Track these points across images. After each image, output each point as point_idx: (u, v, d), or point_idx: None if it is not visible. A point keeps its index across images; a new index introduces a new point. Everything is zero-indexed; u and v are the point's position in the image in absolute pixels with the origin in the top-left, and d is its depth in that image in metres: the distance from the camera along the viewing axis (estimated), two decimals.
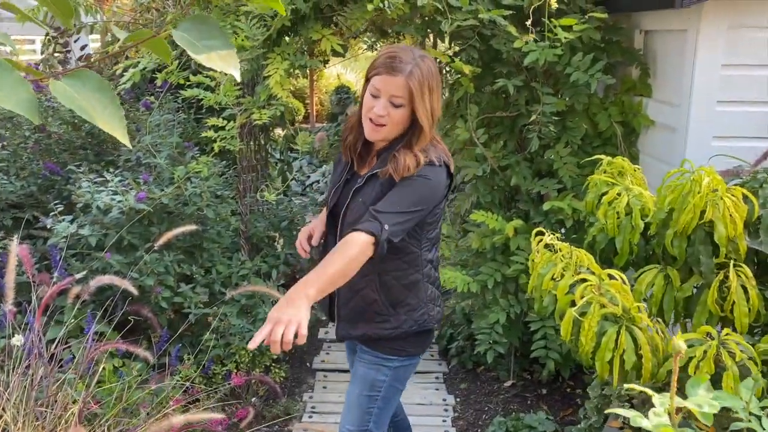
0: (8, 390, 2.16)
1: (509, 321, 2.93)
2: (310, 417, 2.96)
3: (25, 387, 2.17)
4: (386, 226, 1.57)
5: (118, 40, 4.16)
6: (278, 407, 2.93)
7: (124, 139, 0.68)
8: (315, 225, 1.96)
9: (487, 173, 2.89)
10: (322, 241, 1.92)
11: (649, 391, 0.74)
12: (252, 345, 1.33)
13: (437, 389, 3.25)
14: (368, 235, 1.56)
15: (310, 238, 1.95)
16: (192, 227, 2.40)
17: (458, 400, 3.15)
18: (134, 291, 2.08)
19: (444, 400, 3.14)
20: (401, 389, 1.94)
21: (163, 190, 2.65)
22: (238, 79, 0.68)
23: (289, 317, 1.37)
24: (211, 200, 2.79)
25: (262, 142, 3.45)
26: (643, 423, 0.70)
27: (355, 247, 1.55)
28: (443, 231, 3.18)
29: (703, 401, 0.67)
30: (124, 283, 2.05)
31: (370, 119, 1.69)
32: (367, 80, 1.72)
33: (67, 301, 2.40)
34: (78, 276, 2.16)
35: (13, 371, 2.21)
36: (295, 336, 1.37)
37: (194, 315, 2.73)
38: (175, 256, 2.74)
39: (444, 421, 2.94)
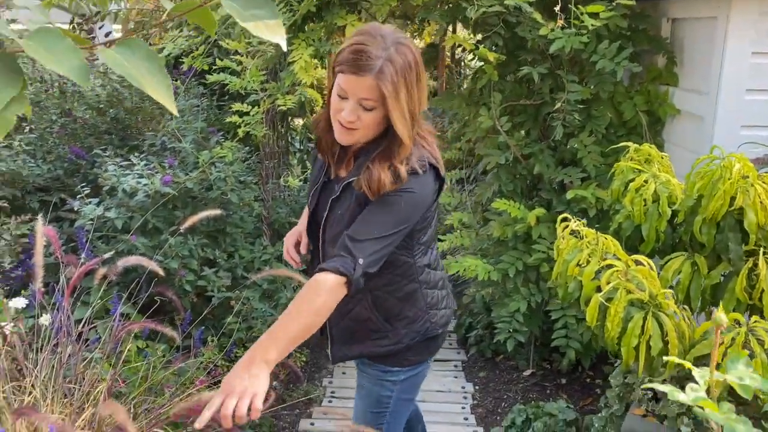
0: (37, 368, 2.20)
1: (530, 310, 2.93)
2: (330, 401, 2.99)
3: (53, 365, 2.21)
4: (360, 260, 1.38)
5: (141, 28, 4.19)
6: (299, 391, 2.96)
7: (170, 105, 0.70)
8: (301, 229, 1.81)
9: (510, 162, 2.88)
10: (311, 248, 1.74)
11: (688, 364, 0.74)
12: (199, 425, 1.16)
13: (456, 377, 3.26)
14: (338, 275, 1.35)
15: (298, 244, 1.82)
16: (216, 211, 2.42)
17: (477, 388, 3.15)
18: (160, 272, 2.10)
19: (463, 387, 3.14)
20: (412, 398, 1.80)
21: (187, 174, 2.67)
22: (284, 49, 0.69)
23: (243, 388, 1.21)
24: (235, 185, 2.82)
25: (283, 130, 3.46)
26: (680, 397, 0.70)
27: (323, 295, 1.34)
28: (464, 219, 3.18)
29: (743, 374, 0.67)
30: (151, 264, 2.07)
31: (339, 122, 1.45)
32: (334, 73, 1.46)
33: (94, 282, 2.44)
34: (106, 256, 2.19)
35: (41, 350, 2.25)
36: (249, 409, 1.20)
37: (217, 298, 2.76)
38: (199, 240, 2.77)
39: (463, 408, 2.95)
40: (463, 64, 7.30)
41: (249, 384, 1.22)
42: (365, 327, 1.64)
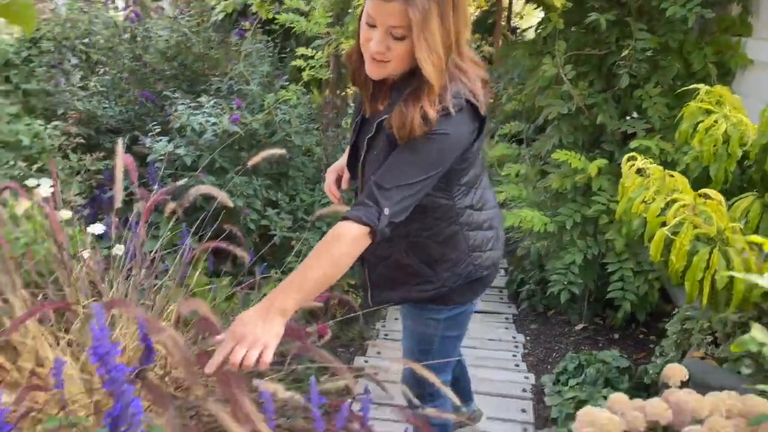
0: (112, 290, 2.34)
1: (585, 262, 2.92)
2: (383, 342, 3.07)
3: (127, 289, 2.35)
4: (386, 210, 1.30)
5: None
6: (353, 331, 3.05)
7: None
8: (344, 164, 1.74)
9: (572, 112, 2.86)
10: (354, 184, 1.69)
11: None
12: (209, 369, 1.16)
13: (507, 328, 3.30)
14: (361, 225, 1.29)
15: (340, 179, 1.77)
16: (281, 151, 2.48)
17: (528, 338, 3.18)
18: (230, 203, 2.18)
19: (514, 338, 3.18)
20: (460, 335, 1.74)
21: (253, 116, 2.75)
22: None
23: (254, 338, 1.18)
24: (298, 128, 2.88)
25: (345, 75, 3.50)
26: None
27: (344, 245, 1.28)
28: (521, 171, 3.18)
29: None
30: (221, 195, 2.15)
31: (369, 54, 1.34)
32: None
33: (164, 215, 2.56)
34: (179, 183, 2.29)
35: (115, 278, 2.39)
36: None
37: (279, 238, 2.85)
38: (263, 181, 2.86)
39: (514, 356, 2.98)
40: (518, 32, 7.19)
41: (261, 334, 1.19)
42: (405, 272, 1.58)
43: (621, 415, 1.31)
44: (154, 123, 2.85)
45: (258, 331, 1.19)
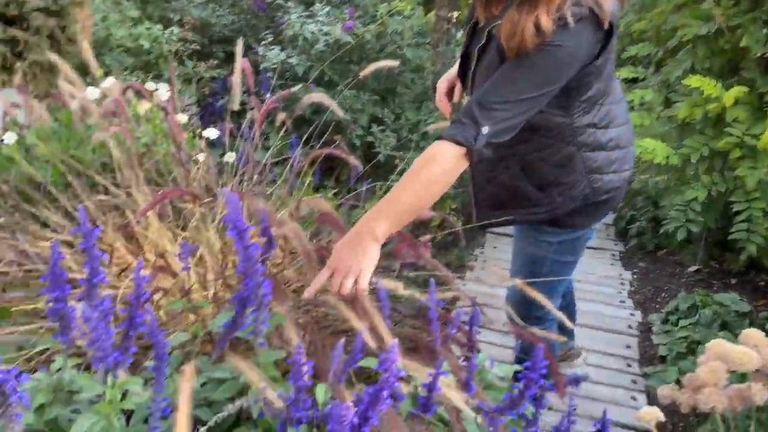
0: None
1: (709, 199, 2.71)
2: (482, 269, 3.03)
3: (239, 189, 2.41)
4: (485, 129, 1.19)
5: None
6: (451, 256, 3.02)
7: None
8: (455, 73, 1.62)
9: (711, 33, 2.59)
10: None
11: None
12: (307, 294, 1.18)
13: (612, 265, 3.16)
14: (457, 146, 1.19)
15: (451, 91, 1.65)
16: (393, 62, 2.42)
17: (635, 276, 3.04)
18: (340, 112, 2.17)
19: (620, 275, 3.05)
20: (573, 261, 1.63)
21: (366, 26, 2.68)
22: None
23: (349, 266, 1.16)
24: (410, 40, 2.79)
25: None
26: None
27: (438, 167, 1.20)
28: (646, 98, 2.96)
29: None
30: (332, 104, 2.13)
31: None
32: None
33: (274, 126, 2.58)
34: (293, 89, 2.28)
35: (228, 183, 2.45)
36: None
37: (383, 156, 2.82)
38: (370, 96, 2.81)
39: (620, 292, 2.87)
40: None
41: (356, 261, 1.16)
42: (514, 195, 1.48)
43: (755, 349, 1.21)
44: (266, 32, 2.84)
45: (352, 259, 1.17)
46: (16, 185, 1.87)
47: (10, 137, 1.90)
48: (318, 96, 2.23)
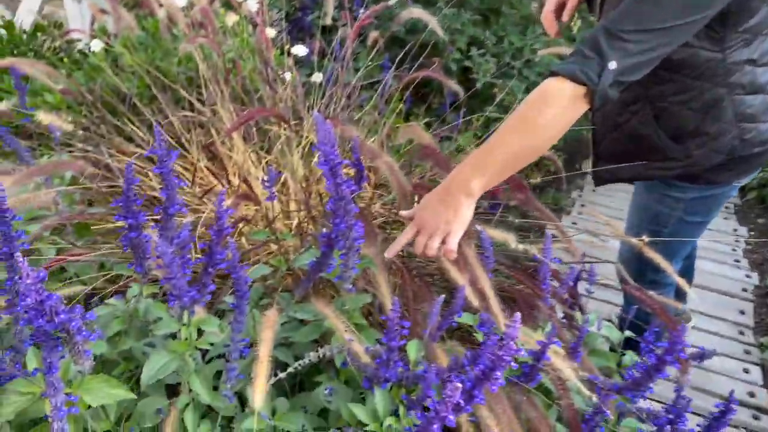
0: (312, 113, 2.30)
1: None
2: (579, 214, 2.81)
3: (327, 117, 2.28)
4: (612, 64, 0.96)
5: None
6: (546, 197, 2.81)
7: None
8: None
9: None
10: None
11: None
12: (389, 254, 1.05)
13: (726, 219, 2.86)
14: (576, 84, 0.98)
15: (561, 7, 1.39)
16: None
17: (752, 234, 2.74)
18: (440, 31, 1.96)
19: (735, 230, 2.75)
20: (704, 222, 1.40)
21: None
22: None
23: (436, 225, 1.02)
24: None
25: None
26: None
27: (550, 109, 0.98)
28: None
29: None
30: (432, 20, 1.94)
31: None
32: None
33: (366, 45, 2.40)
34: (391, 2, 2.09)
35: (315, 104, 2.32)
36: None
37: (481, 83, 2.59)
38: (472, 15, 2.56)
39: (734, 250, 2.59)
40: None
41: (445, 220, 1.02)
42: (642, 146, 1.26)
43: None
44: None
45: (440, 217, 1.03)
46: (101, 95, 1.81)
47: (97, 45, 1.82)
48: (418, 12, 2.02)
